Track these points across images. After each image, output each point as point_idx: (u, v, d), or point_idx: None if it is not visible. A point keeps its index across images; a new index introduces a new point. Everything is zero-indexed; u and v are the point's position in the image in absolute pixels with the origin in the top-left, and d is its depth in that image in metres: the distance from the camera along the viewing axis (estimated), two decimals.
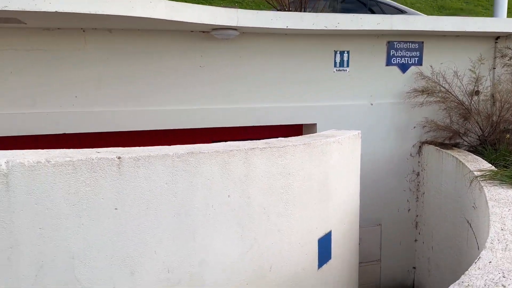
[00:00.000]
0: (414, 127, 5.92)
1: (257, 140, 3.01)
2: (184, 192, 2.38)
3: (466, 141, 5.70)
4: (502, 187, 3.59)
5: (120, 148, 2.44)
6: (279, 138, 3.23)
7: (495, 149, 5.21)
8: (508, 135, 5.16)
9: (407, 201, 6.11)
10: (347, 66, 5.70)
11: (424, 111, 5.85)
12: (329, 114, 5.67)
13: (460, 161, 4.76)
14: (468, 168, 4.37)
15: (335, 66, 5.66)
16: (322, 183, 3.22)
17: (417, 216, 6.13)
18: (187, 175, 2.38)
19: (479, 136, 5.65)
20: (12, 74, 4.47)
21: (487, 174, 3.94)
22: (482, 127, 5.60)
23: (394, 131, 5.92)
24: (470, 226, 4.20)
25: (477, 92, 5.81)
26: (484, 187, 3.64)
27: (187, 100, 5.05)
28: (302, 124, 5.91)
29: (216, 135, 5.63)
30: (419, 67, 5.85)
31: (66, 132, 4.72)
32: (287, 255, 2.95)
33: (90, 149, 2.35)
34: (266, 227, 2.78)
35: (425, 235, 5.89)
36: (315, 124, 5.65)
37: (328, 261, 3.40)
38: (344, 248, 3.68)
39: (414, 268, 6.22)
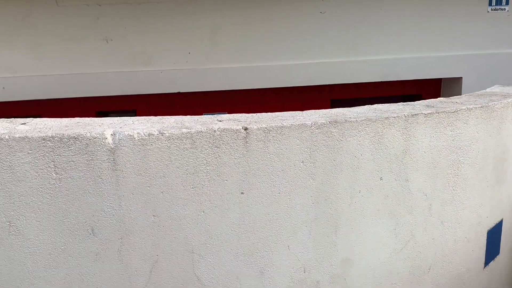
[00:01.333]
0: None
1: (414, 102, 2.26)
2: (325, 173, 1.79)
3: None
4: None
5: (243, 115, 1.91)
6: (440, 99, 2.43)
7: None
8: None
9: None
10: (507, 3, 4.45)
11: None
12: (478, 65, 4.56)
13: None
14: None
15: (490, 4, 4.46)
16: (498, 159, 2.38)
17: None
18: (329, 151, 1.78)
19: None
20: (126, 30, 4.24)
21: None
22: None
23: None
24: None
25: None
26: None
27: (303, 54, 4.38)
28: (441, 79, 4.89)
29: (335, 92, 4.92)
30: None
31: (181, 91, 4.43)
32: (451, 253, 2.24)
33: (210, 115, 1.87)
34: (427, 219, 2.09)
35: None
36: (460, 78, 4.61)
37: (496, 256, 2.61)
38: (507, 239, 2.83)
39: None
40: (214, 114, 5.41)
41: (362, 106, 2.13)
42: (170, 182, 1.61)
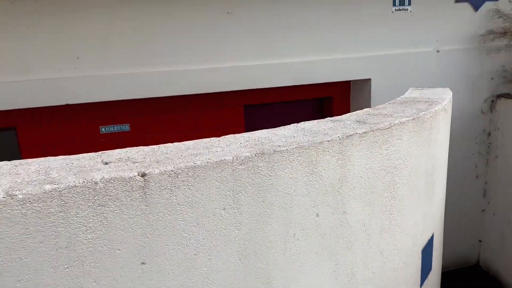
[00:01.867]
0: (492, 79, 4.78)
1: (343, 118, 1.97)
2: (253, 220, 1.40)
3: None
4: None
5: (140, 149, 1.43)
6: (367, 110, 2.18)
7: None
8: None
9: (475, 166, 5.09)
10: (409, 4, 4.49)
11: (501, 58, 4.69)
12: (386, 66, 4.55)
13: None
14: None
15: (394, 4, 4.46)
16: (429, 171, 2.21)
17: (486, 183, 5.14)
18: (256, 191, 1.39)
19: None
20: None
21: None
22: None
23: (465, 83, 4.78)
24: None
25: None
26: None
27: (210, 58, 3.96)
28: (350, 81, 4.82)
29: (247, 98, 4.58)
30: (495, 2, 4.61)
31: (69, 103, 3.72)
32: (390, 282, 2.01)
33: (93, 154, 1.36)
34: (366, 252, 1.81)
35: (497, 206, 4.92)
36: (368, 80, 4.55)
37: (429, 274, 2.47)
38: (439, 251, 2.74)
39: (480, 241, 5.32)
40: (114, 126, 4.75)
41: (289, 127, 1.78)
42: (31, 264, 1.08)
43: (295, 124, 1.83)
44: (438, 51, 4.62)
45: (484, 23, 4.61)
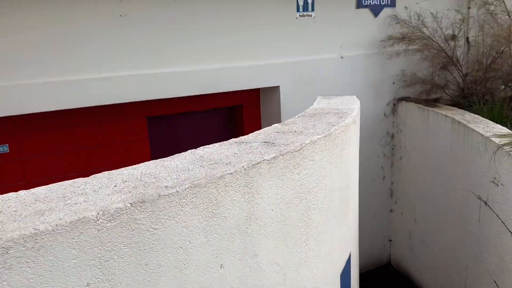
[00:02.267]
0: (394, 83, 4.91)
1: (249, 139, 1.69)
2: None
3: (449, 95, 4.83)
4: None
5: None
6: (276, 127, 1.93)
7: (484, 103, 4.39)
8: (502, 87, 4.35)
9: (382, 167, 5.22)
10: (312, 9, 4.43)
11: (401, 63, 4.84)
12: (294, 72, 4.43)
13: (459, 123, 3.85)
14: (479, 132, 3.47)
15: (298, 10, 4.35)
16: (343, 189, 2.04)
17: (392, 183, 5.30)
18: (135, 253, 1.04)
19: (462, 89, 4.80)
20: None
21: None
22: (465, 79, 4.74)
23: (368, 88, 4.86)
24: (487, 205, 3.38)
25: (453, 37, 4.90)
26: None
27: (103, 66, 3.48)
28: (259, 89, 4.63)
29: (151, 108, 4.15)
30: (392, 8, 4.75)
31: None
32: None
33: None
34: None
35: (404, 206, 5.09)
36: (277, 87, 4.39)
37: None
38: (356, 268, 2.61)
39: (390, 241, 5.48)
40: None
41: (184, 155, 1.45)
42: None
43: (192, 150, 1.51)
44: (342, 57, 4.63)
45: (384, 29, 4.72)
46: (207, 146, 1.55)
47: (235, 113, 4.79)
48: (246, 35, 4.07)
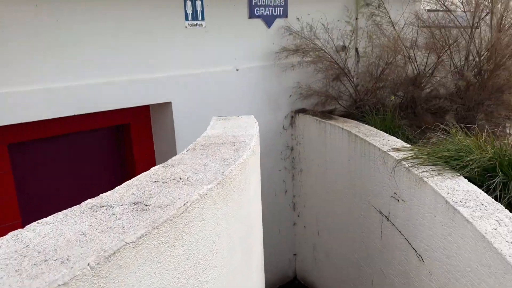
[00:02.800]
0: (290, 96, 4.74)
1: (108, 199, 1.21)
2: None
3: (343, 106, 4.81)
4: (444, 176, 2.67)
5: None
6: (156, 171, 1.47)
7: (376, 113, 4.43)
8: (392, 97, 4.43)
9: (284, 181, 5.03)
10: (202, 18, 4.03)
11: (296, 75, 4.70)
12: (186, 87, 3.99)
13: (356, 136, 3.78)
14: (376, 146, 3.40)
15: (186, 18, 3.92)
16: (244, 238, 1.66)
17: (294, 196, 5.15)
18: None
19: (354, 100, 4.82)
20: None
21: (413, 157, 3.00)
22: (357, 89, 4.77)
23: (266, 101, 4.62)
24: (388, 220, 3.31)
25: (344, 48, 4.92)
26: (424, 178, 2.66)
27: None
28: (149, 105, 4.08)
29: (14, 134, 3.37)
30: (285, 19, 4.58)
31: None
32: None
33: None
34: None
35: (306, 218, 4.96)
36: (169, 103, 3.91)
37: None
38: None
39: (295, 255, 5.32)
40: None
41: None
42: None
43: (17, 232, 0.98)
44: (237, 70, 4.31)
45: (278, 40, 4.52)
46: (42, 221, 1.04)
47: (122, 133, 4.18)
48: (131, 46, 3.51)
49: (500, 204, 2.21)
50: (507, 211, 2.12)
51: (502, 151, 2.68)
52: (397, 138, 4.02)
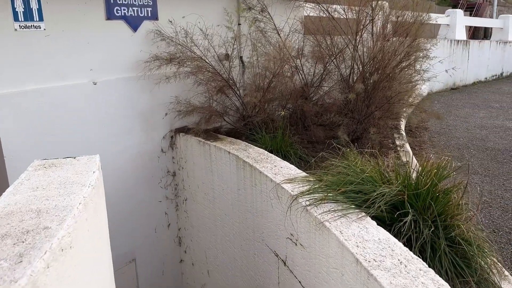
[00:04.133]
0: (166, 114, 3.93)
1: None
2: None
3: (229, 123, 4.17)
4: (349, 218, 2.16)
5: None
6: None
7: (266, 130, 3.89)
8: (283, 112, 3.91)
9: (165, 214, 4.21)
10: (40, 18, 3.02)
11: (173, 88, 3.92)
12: (19, 109, 2.95)
13: (244, 162, 3.15)
14: (267, 176, 2.81)
15: (16, 19, 2.89)
16: None
17: (179, 229, 4.36)
18: None
19: (242, 115, 4.22)
20: None
21: (310, 191, 2.46)
22: (244, 104, 4.17)
23: (137, 120, 3.75)
24: (286, 265, 2.73)
25: (227, 56, 4.29)
26: (327, 223, 2.12)
27: None
28: None
29: None
30: (155, 22, 3.78)
31: None
32: None
33: None
34: None
35: (195, 254, 4.21)
36: None
37: None
38: None
39: None
40: None
41: None
42: None
43: None
44: (95, 83, 3.38)
45: (148, 47, 3.69)
46: None
47: None
48: None
49: (419, 259, 1.75)
50: (431, 272, 1.65)
51: (410, 181, 2.27)
52: (290, 158, 3.51)
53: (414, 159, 3.45)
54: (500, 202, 3.63)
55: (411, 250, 1.86)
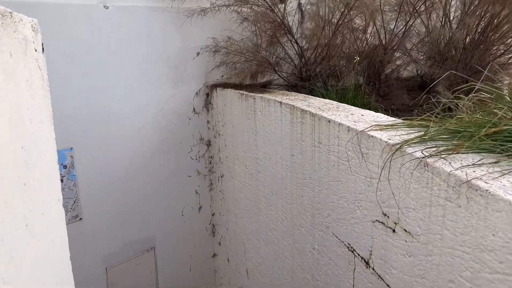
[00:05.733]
0: (198, 54, 3.00)
1: None
2: None
3: (282, 78, 3.15)
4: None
5: None
6: None
7: (331, 87, 2.83)
8: (357, 58, 2.83)
9: (196, 193, 3.26)
10: None
11: (211, 26, 2.97)
12: None
13: (303, 112, 2.11)
14: (343, 124, 1.76)
15: None
16: None
17: (213, 215, 3.39)
18: None
19: (299, 69, 3.18)
20: None
21: (428, 136, 1.39)
22: (302, 55, 3.14)
23: (160, 66, 2.85)
24: (369, 266, 1.67)
25: (282, 0, 3.27)
26: (478, 182, 1.05)
27: None
28: None
29: None
30: None
31: None
32: None
33: None
34: None
35: (232, 247, 3.22)
36: None
37: None
38: None
39: None
40: None
41: None
42: None
43: None
44: (106, 7, 2.50)
45: None
46: None
47: None
48: None
49: None
50: None
51: None
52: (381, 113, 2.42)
53: None
54: None
55: None
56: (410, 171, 1.29)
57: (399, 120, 1.67)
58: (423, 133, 1.39)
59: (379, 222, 1.53)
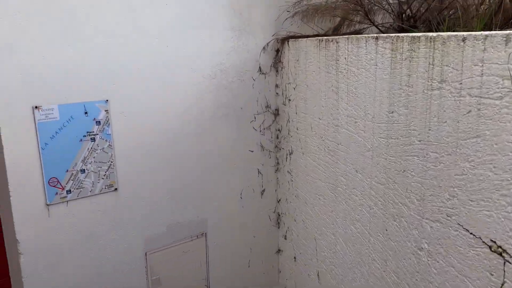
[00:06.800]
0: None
1: None
2: None
3: (377, 27, 2.42)
4: None
5: None
6: None
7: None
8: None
9: (259, 173, 2.67)
10: None
11: None
12: None
13: (416, 41, 1.41)
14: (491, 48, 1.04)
15: None
16: None
17: (279, 201, 2.77)
18: None
19: (399, 14, 2.42)
20: None
21: None
22: None
23: (220, 9, 2.31)
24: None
25: None
26: None
27: None
28: None
29: None
30: None
31: None
32: None
33: None
34: None
35: (300, 243, 2.56)
36: None
37: None
38: None
39: None
40: None
41: None
42: None
43: None
44: None
45: None
46: None
47: None
48: None
49: None
50: None
51: None
52: None
53: None
54: None
55: None
56: None
57: None
58: None
59: None
